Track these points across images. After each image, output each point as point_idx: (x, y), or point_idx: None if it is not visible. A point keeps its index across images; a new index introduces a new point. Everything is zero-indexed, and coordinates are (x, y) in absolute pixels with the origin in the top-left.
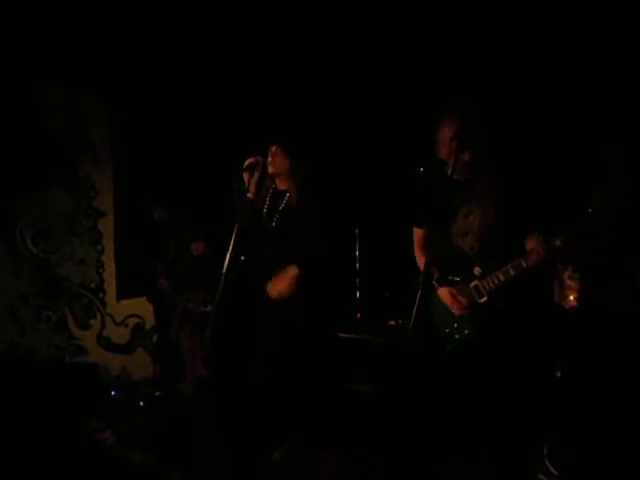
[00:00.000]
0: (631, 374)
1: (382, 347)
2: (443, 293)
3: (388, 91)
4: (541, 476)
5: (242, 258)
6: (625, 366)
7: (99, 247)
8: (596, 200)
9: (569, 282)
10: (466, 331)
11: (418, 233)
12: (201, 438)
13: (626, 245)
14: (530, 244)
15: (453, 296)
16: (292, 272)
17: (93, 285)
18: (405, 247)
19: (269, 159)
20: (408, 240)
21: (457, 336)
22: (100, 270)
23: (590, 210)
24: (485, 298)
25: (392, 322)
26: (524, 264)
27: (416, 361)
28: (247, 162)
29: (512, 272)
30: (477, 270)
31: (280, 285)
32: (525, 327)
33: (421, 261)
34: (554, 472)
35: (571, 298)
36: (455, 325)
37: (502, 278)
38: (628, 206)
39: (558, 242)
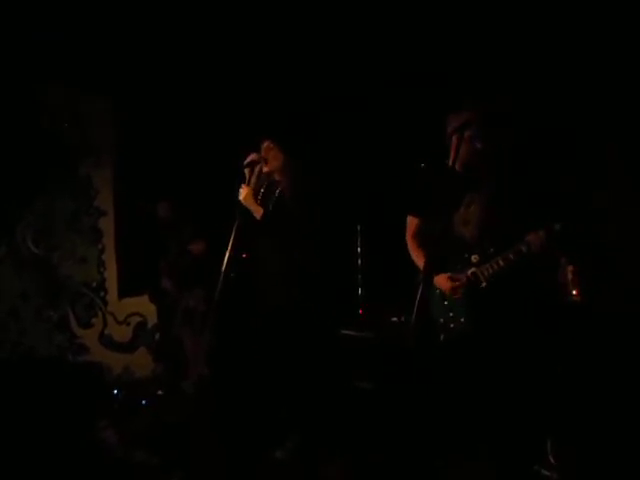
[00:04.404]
0: (631, 372)
1: (384, 344)
2: (439, 280)
3: (388, 86)
4: (544, 471)
5: (243, 256)
6: (624, 364)
7: (100, 246)
8: (596, 200)
9: (572, 277)
10: (461, 319)
11: (412, 222)
12: (203, 437)
13: (626, 245)
14: (531, 233)
15: (449, 279)
16: None
17: (94, 284)
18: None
19: (263, 155)
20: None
21: (452, 325)
22: (101, 269)
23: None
24: (484, 284)
25: (395, 318)
26: (524, 249)
27: (417, 357)
28: (248, 159)
29: (512, 257)
30: (474, 258)
31: None
32: (521, 318)
33: (412, 250)
34: (557, 467)
35: (574, 293)
36: (450, 314)
37: (502, 263)
38: (628, 206)
39: (557, 226)
